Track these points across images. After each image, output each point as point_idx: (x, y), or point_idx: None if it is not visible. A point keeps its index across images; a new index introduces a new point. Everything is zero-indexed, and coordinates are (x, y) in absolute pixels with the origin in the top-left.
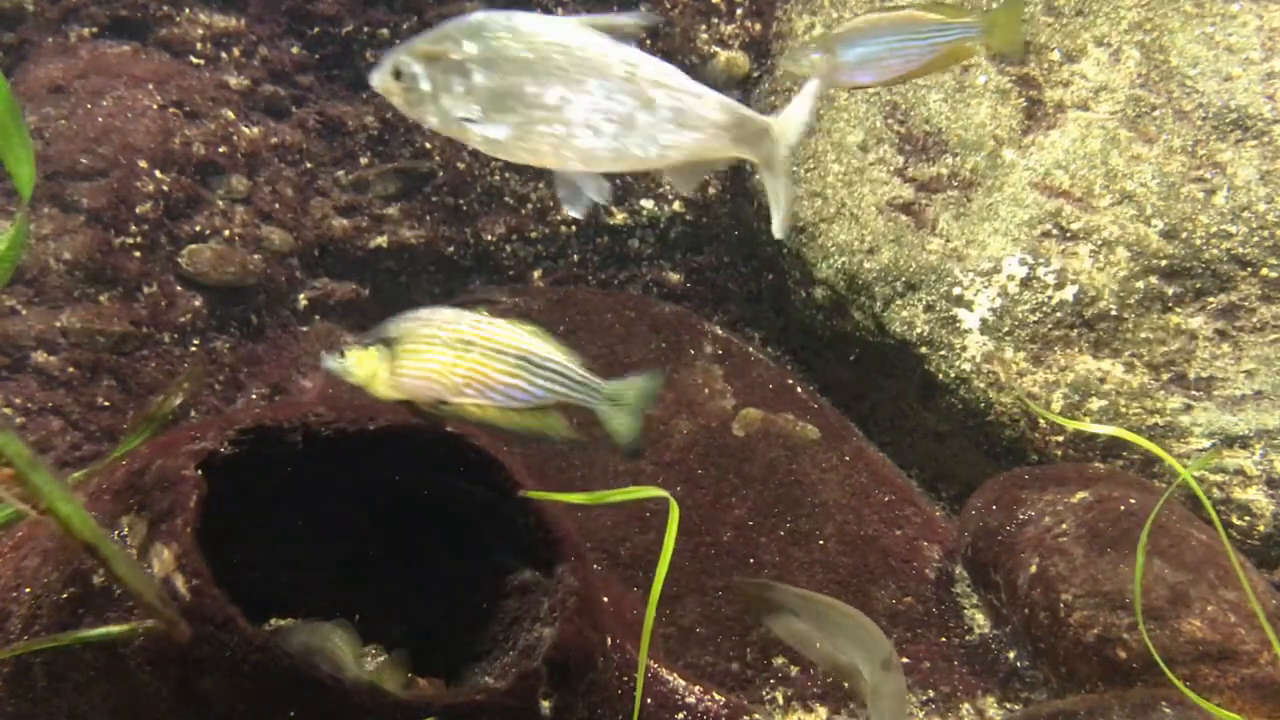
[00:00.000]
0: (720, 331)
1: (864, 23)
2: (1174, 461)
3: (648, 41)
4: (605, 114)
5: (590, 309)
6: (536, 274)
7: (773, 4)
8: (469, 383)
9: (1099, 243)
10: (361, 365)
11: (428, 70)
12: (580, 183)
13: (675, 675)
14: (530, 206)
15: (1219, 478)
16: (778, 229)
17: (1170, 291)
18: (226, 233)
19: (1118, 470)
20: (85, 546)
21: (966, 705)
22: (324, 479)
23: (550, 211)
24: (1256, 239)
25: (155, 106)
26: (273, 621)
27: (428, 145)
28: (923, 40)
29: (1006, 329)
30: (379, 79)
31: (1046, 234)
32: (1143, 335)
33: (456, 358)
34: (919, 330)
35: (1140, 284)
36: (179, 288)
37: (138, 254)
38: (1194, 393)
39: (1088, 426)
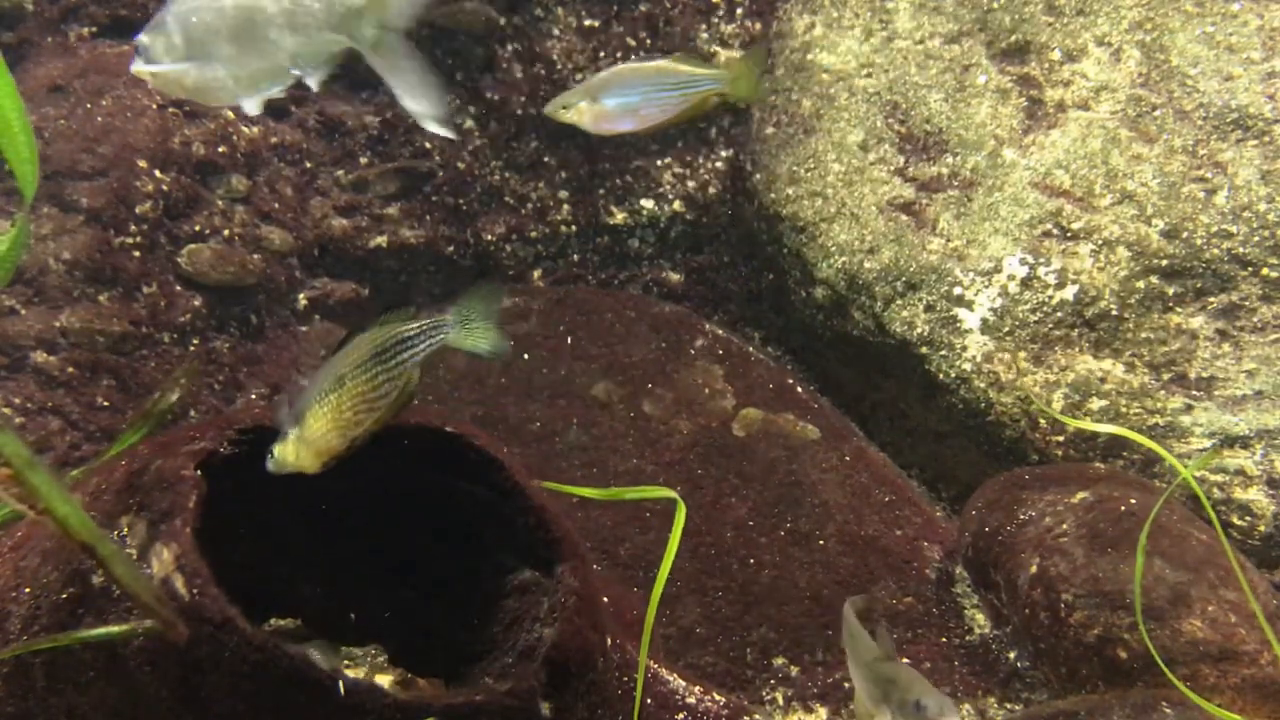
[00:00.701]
0: (720, 331)
1: (623, 71)
2: (1174, 460)
3: (647, 41)
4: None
5: (590, 309)
6: (536, 274)
7: (773, 4)
8: (357, 412)
9: (1099, 242)
10: (289, 454)
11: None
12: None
13: (675, 675)
14: (530, 206)
15: (1219, 478)
16: (425, 121)
17: (1171, 291)
18: (226, 232)
19: (1118, 470)
20: (83, 547)
21: (967, 705)
22: (324, 479)
23: (550, 211)
24: (1257, 239)
25: (155, 106)
26: (273, 621)
27: (428, 145)
28: (674, 91)
29: (1007, 329)
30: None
31: (1047, 234)
32: (1143, 335)
33: (339, 401)
34: (919, 330)
35: (1141, 284)
36: (179, 288)
37: (137, 254)
38: (1194, 393)
39: (1088, 425)
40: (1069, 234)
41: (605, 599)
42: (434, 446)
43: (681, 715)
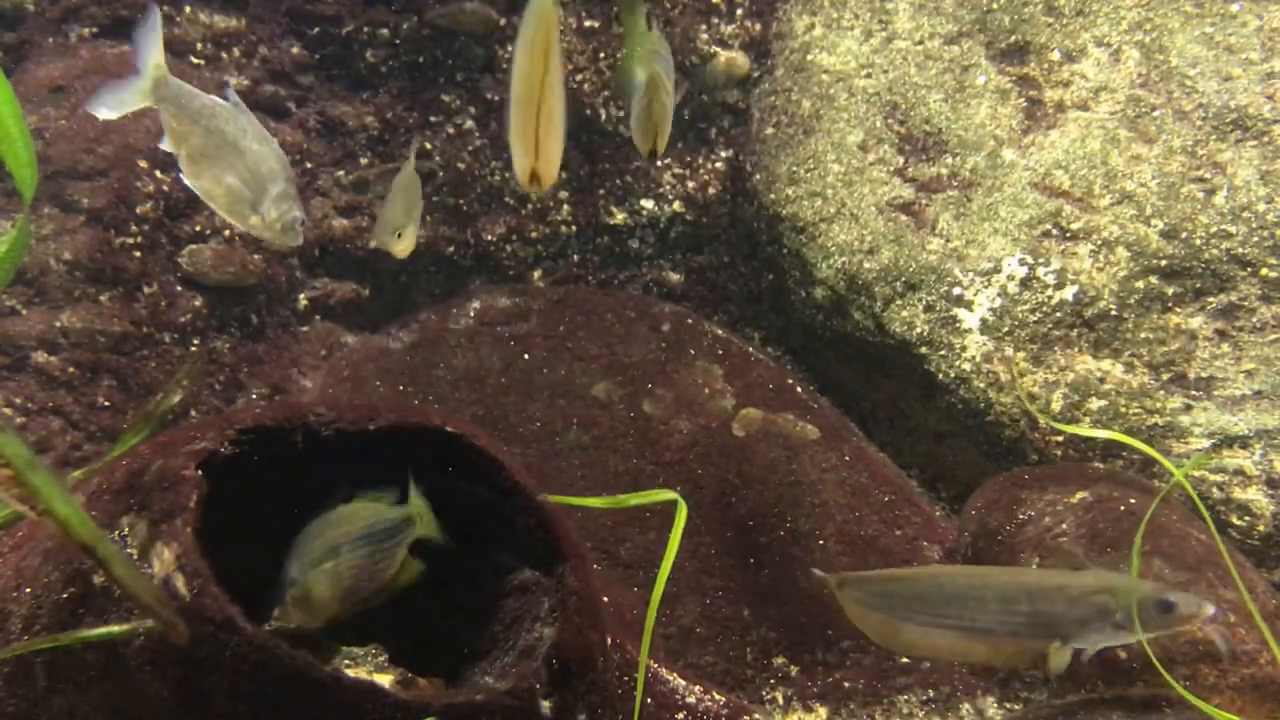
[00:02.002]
0: (720, 331)
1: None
2: (1167, 463)
3: None
4: None
5: (590, 309)
6: (536, 274)
7: (773, 4)
8: (357, 580)
9: (1099, 243)
10: (294, 615)
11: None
12: None
13: (675, 675)
14: (530, 206)
15: (1219, 478)
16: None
17: (1170, 291)
18: (227, 233)
19: (1117, 470)
20: (84, 547)
21: (966, 705)
22: (324, 479)
23: (550, 211)
24: (1256, 239)
25: None
26: (273, 621)
27: (428, 145)
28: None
29: (1006, 329)
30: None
31: (1046, 234)
32: (1143, 335)
33: (336, 566)
34: (919, 330)
35: (1140, 284)
36: (179, 288)
37: (138, 254)
38: (1194, 393)
39: (1082, 430)
40: (1068, 234)
41: (605, 599)
42: (434, 446)
43: (681, 715)
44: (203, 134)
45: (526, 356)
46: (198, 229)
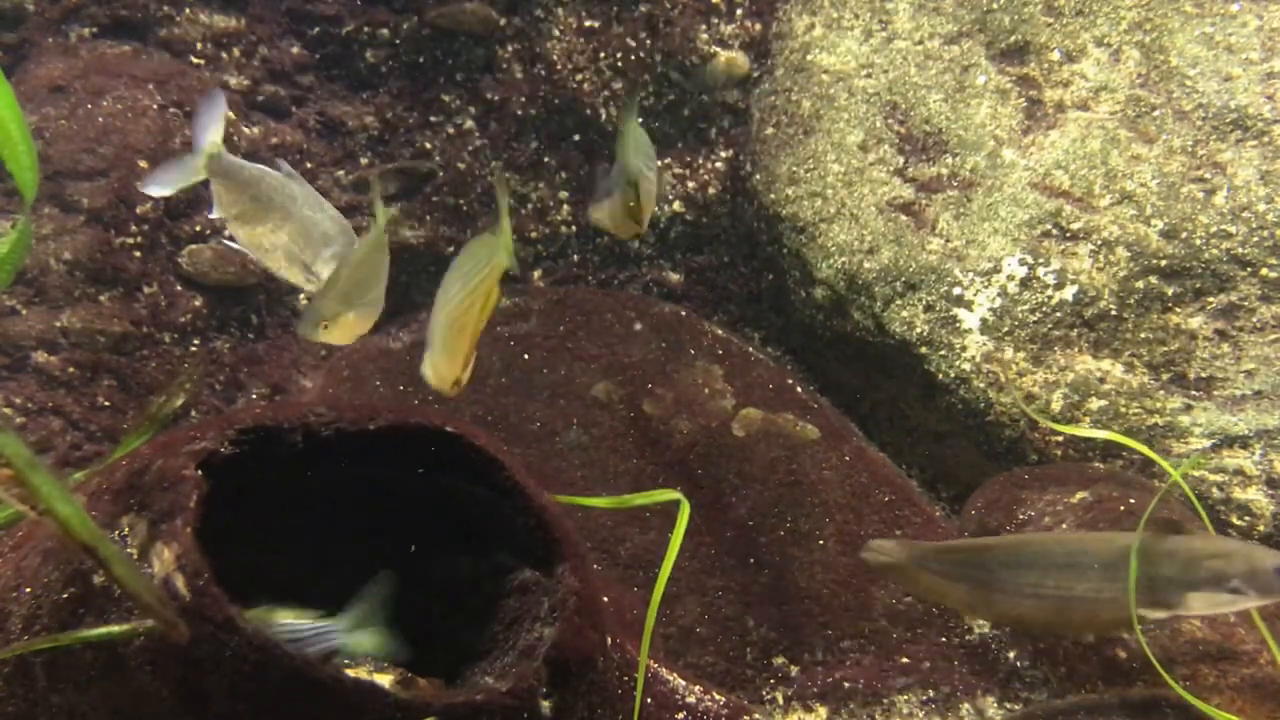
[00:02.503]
0: (720, 331)
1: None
2: (1164, 462)
3: (647, 41)
4: None
5: (590, 309)
6: (536, 274)
7: (772, 4)
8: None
9: (1099, 243)
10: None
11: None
12: None
13: (675, 675)
14: (530, 206)
15: (1219, 478)
16: None
17: (1170, 291)
18: (226, 233)
19: (1117, 470)
20: (84, 547)
21: (966, 705)
22: (324, 479)
23: (550, 211)
24: (1256, 239)
25: (155, 107)
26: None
27: (428, 145)
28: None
29: (1006, 329)
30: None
31: (1046, 234)
32: (1143, 335)
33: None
34: (919, 330)
35: (1140, 284)
36: (179, 288)
37: (138, 254)
38: (1194, 393)
39: (1079, 430)
40: (1068, 234)
41: (605, 599)
42: (434, 446)
43: (681, 715)
44: (251, 201)
45: (526, 356)
46: (198, 229)
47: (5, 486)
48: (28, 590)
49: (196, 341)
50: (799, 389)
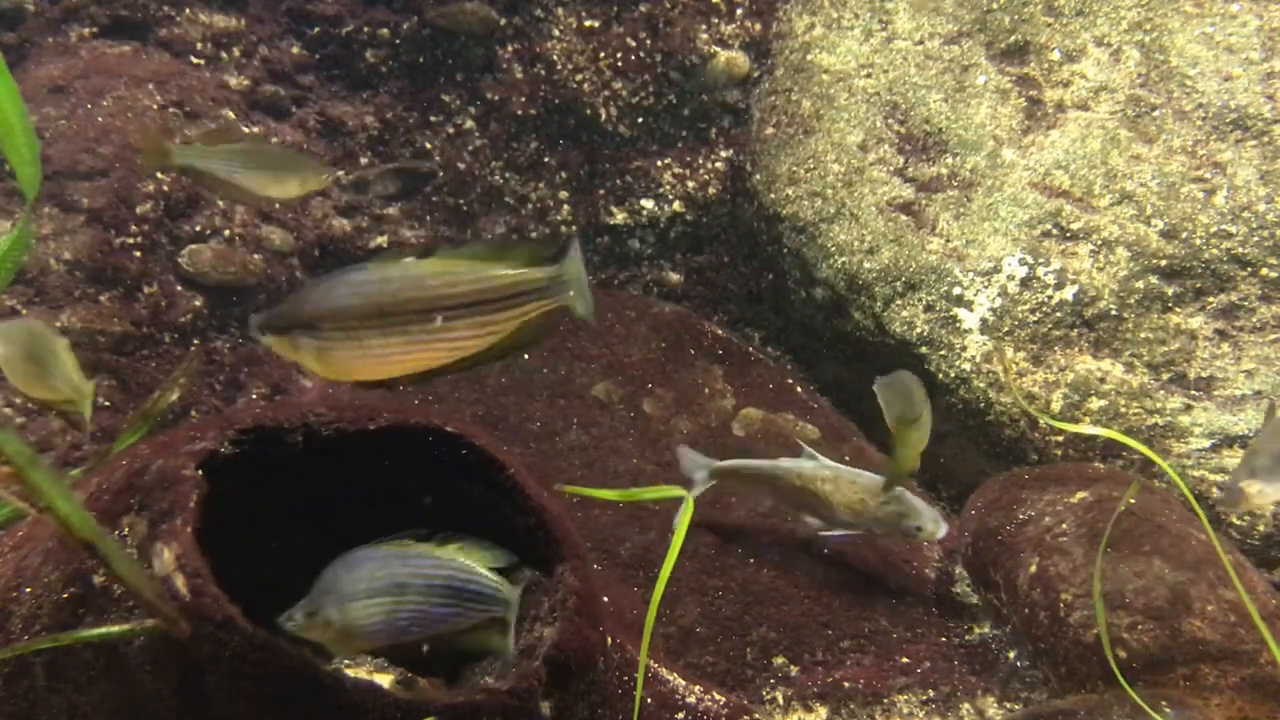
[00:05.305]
0: (720, 331)
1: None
2: (1163, 462)
3: (647, 41)
4: None
5: None
6: None
7: (773, 4)
8: (413, 622)
9: (1099, 243)
10: (318, 630)
11: None
12: None
13: (675, 675)
14: (530, 206)
15: (1220, 478)
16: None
17: (1170, 291)
18: (227, 232)
19: (1117, 470)
20: (84, 545)
21: (966, 705)
22: (324, 479)
23: (550, 211)
24: (1256, 239)
25: (155, 106)
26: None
27: (428, 145)
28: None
29: (1007, 329)
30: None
31: (1046, 234)
32: (1143, 335)
33: (395, 604)
34: (919, 330)
35: (1140, 284)
36: (179, 288)
37: (138, 254)
38: (1194, 393)
39: (1078, 428)
40: (1068, 234)
41: (605, 599)
42: (434, 446)
43: (681, 715)
44: None
45: (526, 356)
46: (198, 229)
47: (6, 484)
48: (28, 590)
49: (196, 341)
50: (799, 389)
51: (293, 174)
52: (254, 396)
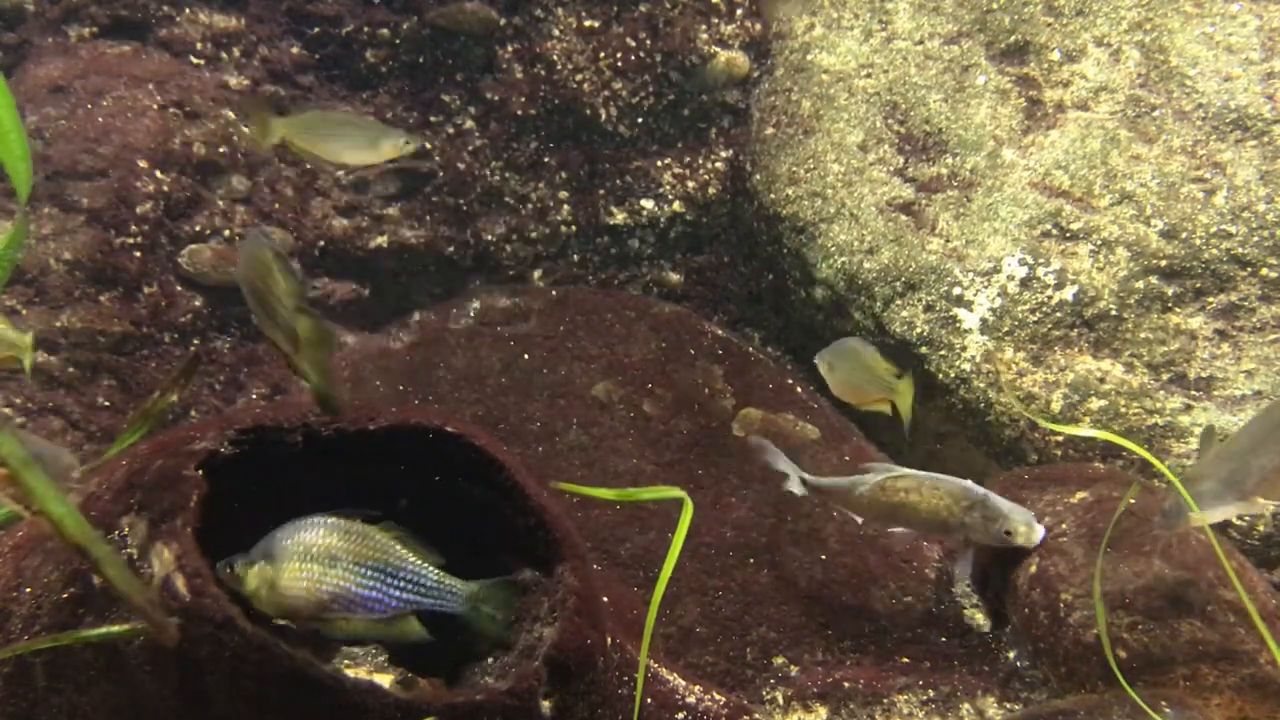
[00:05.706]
0: (720, 331)
1: None
2: (1158, 462)
3: (647, 41)
4: None
5: (590, 309)
6: (536, 274)
7: (773, 4)
8: (334, 598)
9: (1099, 243)
10: (251, 579)
11: None
12: None
13: (675, 675)
14: (530, 206)
15: None
16: None
17: (1170, 291)
18: (227, 232)
19: (1117, 470)
20: (77, 548)
21: (966, 705)
22: (324, 479)
23: (550, 211)
24: (1256, 239)
25: (155, 106)
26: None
27: (428, 145)
28: None
29: (1006, 329)
30: None
31: (1046, 234)
32: (1143, 335)
33: (323, 573)
34: (919, 330)
35: (1140, 284)
36: (179, 287)
37: (138, 254)
38: (1194, 393)
39: (1075, 430)
40: (1068, 234)
41: (605, 599)
42: (434, 446)
43: (681, 715)
44: None
45: (526, 356)
46: (198, 229)
47: (2, 487)
48: (28, 590)
49: (196, 341)
50: (799, 389)
51: (383, 141)
52: (254, 396)
